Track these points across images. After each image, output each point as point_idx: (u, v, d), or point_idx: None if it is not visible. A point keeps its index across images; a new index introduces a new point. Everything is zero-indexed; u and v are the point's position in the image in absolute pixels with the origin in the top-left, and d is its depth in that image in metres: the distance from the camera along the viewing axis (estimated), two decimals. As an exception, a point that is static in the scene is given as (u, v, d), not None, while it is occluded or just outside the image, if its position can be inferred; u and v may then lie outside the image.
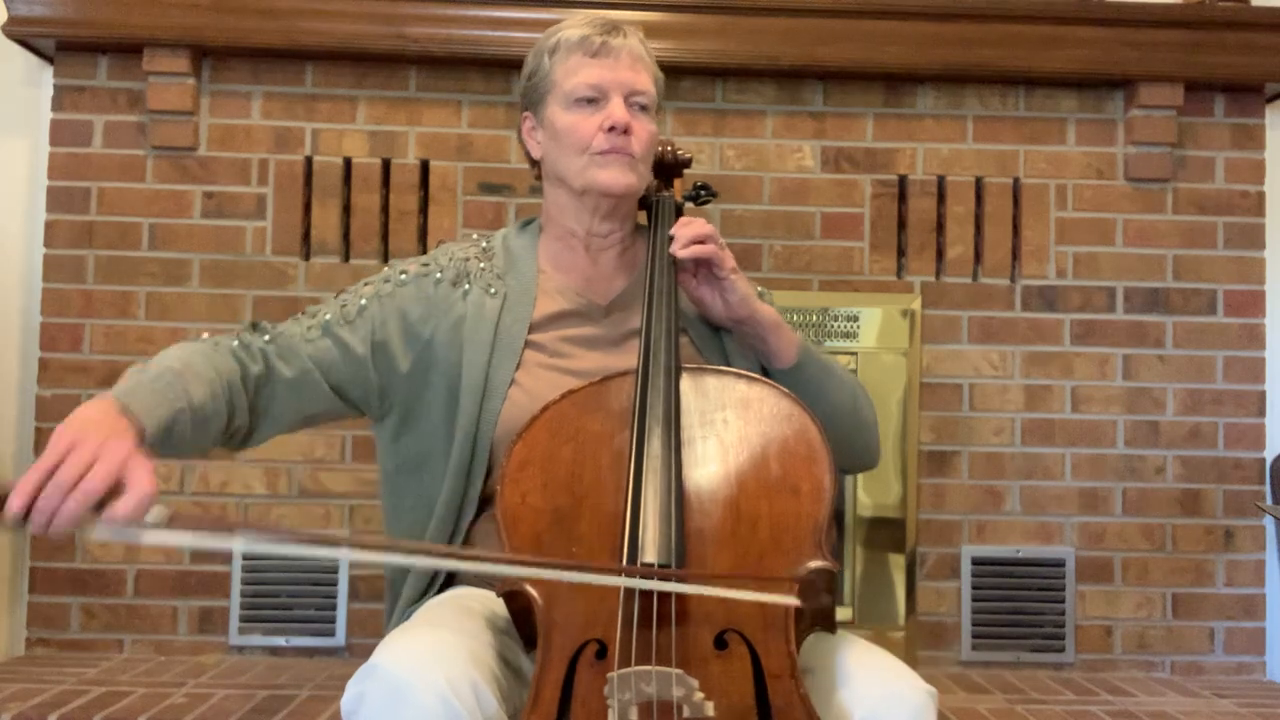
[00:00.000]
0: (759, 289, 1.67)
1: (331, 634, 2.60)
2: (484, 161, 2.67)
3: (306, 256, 2.66)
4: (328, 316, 1.59)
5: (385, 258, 2.66)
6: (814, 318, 2.65)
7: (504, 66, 2.65)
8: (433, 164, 2.67)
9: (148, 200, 2.64)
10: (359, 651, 2.59)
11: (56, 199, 2.63)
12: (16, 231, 2.69)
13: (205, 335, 1.54)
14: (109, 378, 2.59)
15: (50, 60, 2.66)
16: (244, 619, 2.59)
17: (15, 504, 1.14)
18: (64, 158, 2.64)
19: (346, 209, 2.67)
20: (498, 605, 1.43)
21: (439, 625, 1.31)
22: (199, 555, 2.59)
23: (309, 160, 2.67)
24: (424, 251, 2.64)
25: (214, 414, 1.43)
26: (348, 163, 2.67)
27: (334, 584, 2.60)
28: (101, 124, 2.64)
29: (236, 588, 2.59)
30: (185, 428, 1.37)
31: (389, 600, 1.62)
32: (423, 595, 1.56)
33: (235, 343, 1.54)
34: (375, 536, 1.31)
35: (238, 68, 2.66)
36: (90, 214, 2.63)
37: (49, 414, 2.61)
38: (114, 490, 1.16)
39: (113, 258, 2.63)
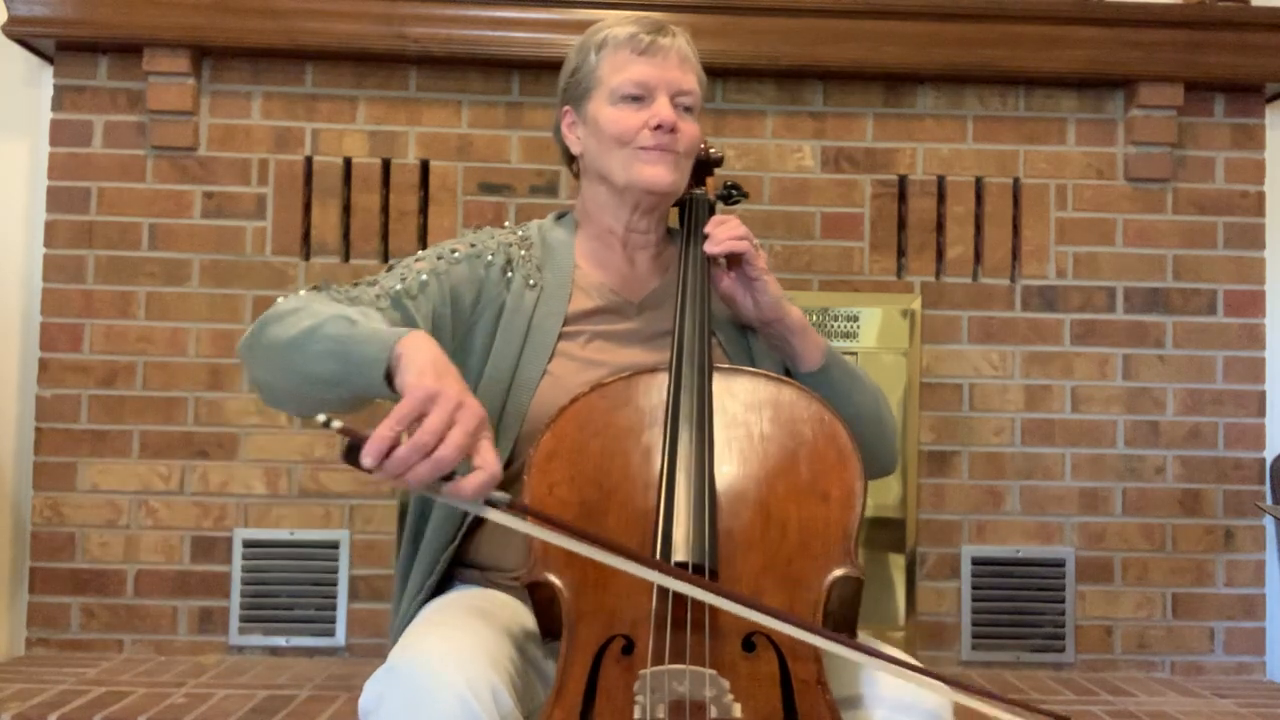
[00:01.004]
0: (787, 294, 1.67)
1: (331, 634, 2.60)
2: (484, 161, 2.67)
3: (306, 256, 2.66)
4: (398, 286, 1.51)
5: (385, 258, 2.66)
6: (814, 318, 2.65)
7: (504, 66, 2.65)
8: (433, 164, 2.67)
9: (148, 200, 2.64)
10: (359, 651, 2.59)
11: (56, 199, 2.63)
12: (16, 231, 2.69)
13: (304, 292, 1.45)
14: (109, 378, 2.60)
15: (50, 60, 2.66)
16: (244, 619, 2.59)
17: (369, 460, 1.12)
18: (64, 158, 2.64)
19: (346, 209, 2.67)
20: (511, 607, 1.43)
21: (456, 626, 1.30)
22: (199, 555, 2.60)
23: (309, 160, 2.67)
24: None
25: None
26: (348, 163, 2.67)
27: (334, 584, 2.60)
28: (101, 124, 2.64)
29: (236, 588, 2.59)
30: None
31: (396, 594, 1.62)
32: (426, 582, 1.55)
33: (330, 297, 1.46)
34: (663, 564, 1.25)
35: (238, 68, 2.66)
36: (90, 214, 2.64)
37: (49, 414, 2.61)
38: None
39: (113, 258, 2.63)
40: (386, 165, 2.68)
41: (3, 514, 2.63)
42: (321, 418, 1.14)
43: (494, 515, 1.18)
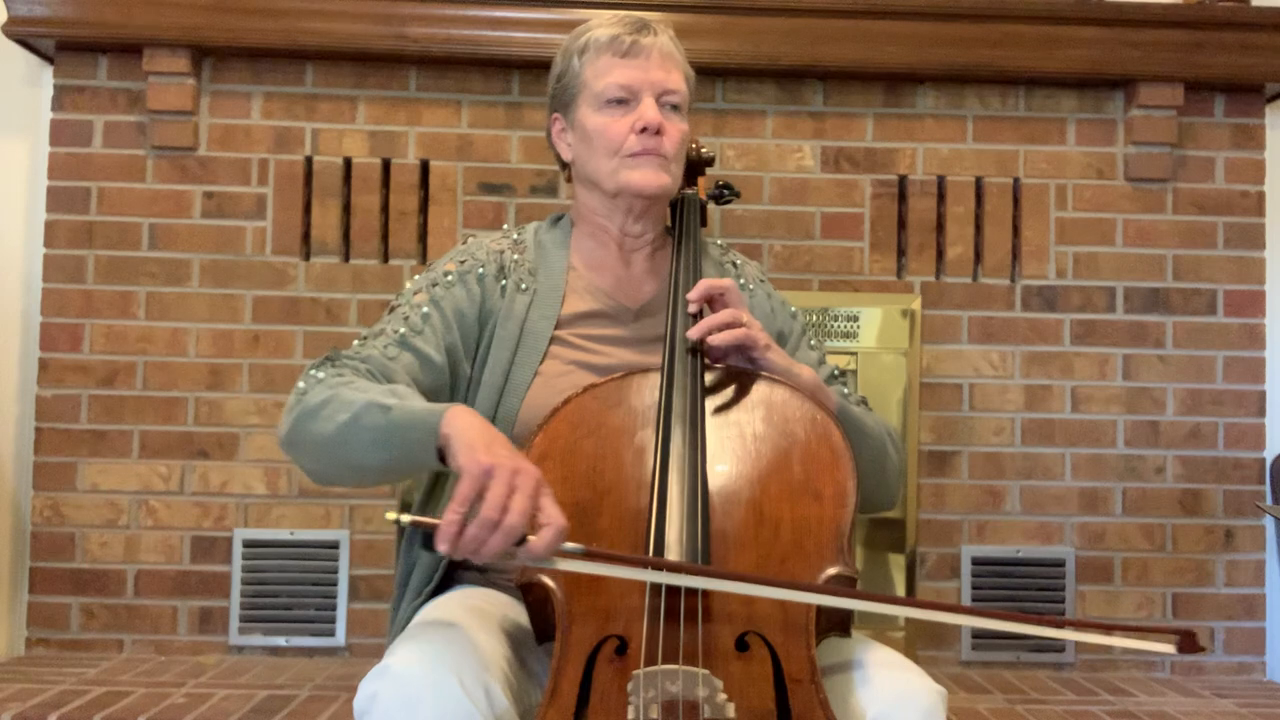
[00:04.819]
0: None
1: (331, 634, 2.60)
2: (484, 161, 2.67)
3: (306, 256, 2.66)
4: (401, 330, 1.51)
5: (385, 258, 2.66)
6: (814, 318, 2.65)
7: (504, 66, 2.65)
8: (433, 164, 2.67)
9: (148, 200, 2.64)
10: (359, 651, 2.59)
11: (56, 199, 2.63)
12: (16, 231, 2.69)
13: (321, 374, 1.43)
14: (109, 378, 2.60)
15: (50, 60, 2.65)
16: (244, 619, 2.59)
17: (444, 547, 1.17)
18: (64, 158, 2.64)
19: (346, 209, 2.67)
20: (507, 606, 1.43)
21: (450, 626, 1.31)
22: (199, 555, 2.60)
23: (309, 160, 2.67)
24: (424, 252, 2.65)
25: None
26: (348, 163, 2.67)
27: (334, 584, 2.60)
28: (101, 124, 2.64)
29: (236, 588, 2.59)
30: None
31: (396, 596, 1.62)
32: (425, 588, 1.56)
33: (350, 373, 1.44)
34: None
35: (238, 68, 2.66)
36: (90, 214, 2.63)
37: (49, 414, 2.61)
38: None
39: (113, 258, 2.63)
40: (386, 165, 2.68)
41: (3, 514, 2.63)
42: (391, 515, 1.20)
43: (567, 565, 1.21)
